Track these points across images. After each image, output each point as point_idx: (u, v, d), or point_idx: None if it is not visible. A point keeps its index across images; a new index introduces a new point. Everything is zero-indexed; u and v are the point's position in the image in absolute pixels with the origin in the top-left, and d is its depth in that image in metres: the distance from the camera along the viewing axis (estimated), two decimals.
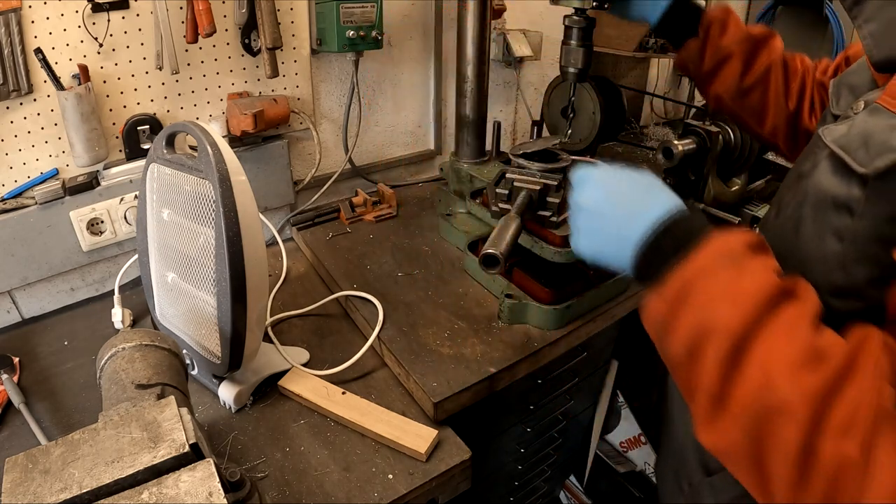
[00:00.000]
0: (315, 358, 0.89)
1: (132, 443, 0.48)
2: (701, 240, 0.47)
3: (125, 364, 0.60)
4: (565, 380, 1.06)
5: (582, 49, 0.89)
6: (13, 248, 0.93)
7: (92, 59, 0.92)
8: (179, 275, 0.77)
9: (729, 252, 0.45)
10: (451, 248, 1.13)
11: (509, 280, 0.95)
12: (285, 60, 1.12)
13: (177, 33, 0.96)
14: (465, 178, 1.15)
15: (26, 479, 0.45)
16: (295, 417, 0.80)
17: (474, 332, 0.90)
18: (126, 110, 0.99)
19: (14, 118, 0.89)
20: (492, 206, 0.86)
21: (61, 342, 0.95)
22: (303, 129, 1.22)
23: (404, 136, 1.42)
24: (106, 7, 0.90)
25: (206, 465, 0.46)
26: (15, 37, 0.84)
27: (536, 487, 1.29)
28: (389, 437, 0.74)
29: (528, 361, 0.87)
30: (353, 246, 1.14)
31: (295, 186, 1.24)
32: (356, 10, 1.06)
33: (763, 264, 0.45)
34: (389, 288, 1.00)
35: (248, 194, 0.68)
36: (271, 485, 0.70)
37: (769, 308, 0.42)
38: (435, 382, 0.79)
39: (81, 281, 1.06)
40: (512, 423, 1.05)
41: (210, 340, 0.75)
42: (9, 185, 0.93)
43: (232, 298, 0.68)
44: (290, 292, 1.07)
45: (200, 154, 0.67)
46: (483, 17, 1.06)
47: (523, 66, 1.56)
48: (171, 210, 0.75)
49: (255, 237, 0.69)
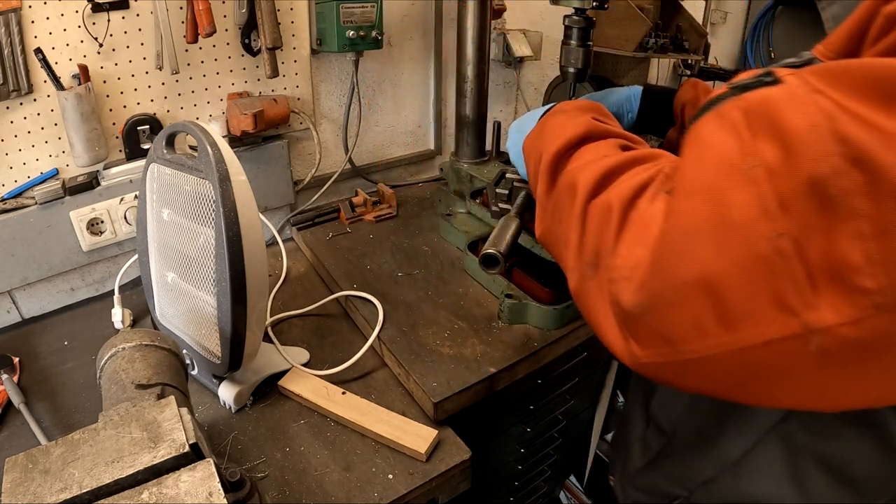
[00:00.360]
0: (315, 358, 0.89)
1: (132, 443, 0.48)
2: (553, 109, 0.67)
3: (125, 364, 0.60)
4: (565, 380, 1.06)
5: (582, 49, 0.89)
6: (13, 248, 0.93)
7: (92, 59, 0.93)
8: (179, 275, 0.77)
9: (563, 110, 0.64)
10: (451, 248, 1.13)
11: (509, 280, 0.95)
12: (285, 60, 1.12)
13: (177, 33, 0.96)
14: (465, 178, 1.15)
15: (26, 479, 0.45)
16: (295, 417, 0.80)
17: (474, 332, 0.90)
18: (126, 110, 0.99)
19: (14, 118, 0.89)
20: (492, 206, 0.86)
21: (61, 342, 0.95)
22: (303, 129, 1.22)
23: (404, 136, 1.42)
24: (106, 7, 0.90)
25: (206, 465, 0.46)
26: (15, 37, 0.84)
27: (536, 487, 1.29)
28: (389, 437, 0.74)
29: (528, 361, 0.87)
30: (353, 246, 1.14)
31: (295, 186, 1.24)
32: (356, 10, 1.06)
33: (589, 114, 0.60)
34: (389, 288, 1.00)
35: (248, 194, 0.68)
36: (271, 485, 0.70)
37: (584, 139, 0.56)
38: (435, 382, 0.79)
39: (81, 281, 1.06)
40: (512, 423, 1.05)
41: (210, 340, 0.75)
42: (9, 185, 0.93)
43: (232, 298, 0.68)
44: (290, 292, 1.07)
45: (200, 154, 0.67)
46: (483, 17, 1.06)
47: (523, 66, 1.56)
48: (171, 210, 0.75)
49: (255, 237, 0.69)
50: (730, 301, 0.34)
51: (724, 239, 0.34)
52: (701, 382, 0.41)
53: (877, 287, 0.29)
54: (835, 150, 0.30)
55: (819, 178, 0.30)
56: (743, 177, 0.34)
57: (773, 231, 0.32)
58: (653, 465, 0.69)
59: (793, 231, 0.31)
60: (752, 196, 0.33)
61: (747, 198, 0.33)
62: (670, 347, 0.39)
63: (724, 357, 0.36)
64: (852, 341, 0.31)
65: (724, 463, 0.59)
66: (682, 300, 0.37)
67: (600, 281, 0.45)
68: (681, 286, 0.37)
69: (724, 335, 0.35)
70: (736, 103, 0.36)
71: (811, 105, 0.31)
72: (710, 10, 2.03)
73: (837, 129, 0.30)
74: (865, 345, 0.31)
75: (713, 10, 2.05)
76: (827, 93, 0.31)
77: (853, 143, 0.29)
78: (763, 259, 0.32)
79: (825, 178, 0.30)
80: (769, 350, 0.34)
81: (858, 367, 0.32)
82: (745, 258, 0.33)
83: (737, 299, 0.34)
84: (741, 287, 0.34)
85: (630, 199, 0.44)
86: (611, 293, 0.43)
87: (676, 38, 1.52)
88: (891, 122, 0.29)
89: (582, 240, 0.48)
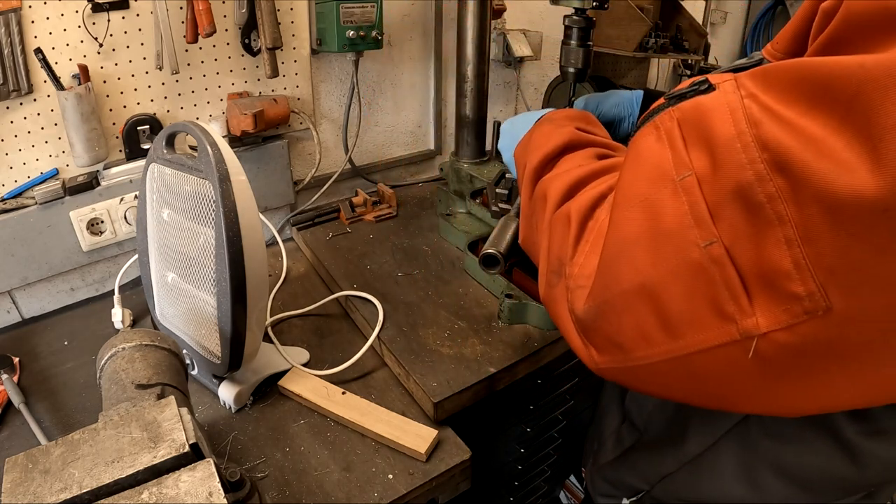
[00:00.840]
0: (315, 358, 0.89)
1: (132, 443, 0.48)
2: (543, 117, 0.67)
3: (125, 364, 0.60)
4: (565, 380, 1.06)
5: (582, 49, 0.89)
6: (13, 248, 0.93)
7: (92, 59, 0.93)
8: (179, 275, 0.77)
9: (550, 119, 0.65)
10: (451, 248, 1.13)
11: (509, 280, 0.95)
12: (285, 60, 1.12)
13: (177, 33, 0.96)
14: (465, 178, 1.15)
15: (26, 479, 0.45)
16: (295, 417, 0.80)
17: (474, 332, 0.90)
18: (126, 110, 0.99)
19: (14, 118, 0.89)
20: (492, 206, 0.87)
21: (61, 342, 0.95)
22: (303, 129, 1.22)
23: (404, 136, 1.42)
24: (106, 7, 0.90)
25: (206, 465, 0.46)
26: (15, 37, 0.84)
27: (536, 487, 1.29)
28: (389, 437, 0.74)
29: (528, 361, 0.87)
30: (353, 246, 1.14)
31: (295, 186, 1.24)
32: (356, 10, 1.06)
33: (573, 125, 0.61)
34: (389, 288, 1.00)
35: (248, 194, 0.68)
36: (271, 485, 0.70)
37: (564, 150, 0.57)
38: (435, 382, 0.79)
39: (81, 281, 1.06)
40: (512, 423, 1.05)
41: (210, 340, 0.75)
42: (9, 185, 0.93)
43: (232, 298, 0.68)
44: (290, 292, 1.07)
45: (200, 154, 0.67)
46: (483, 17, 1.06)
47: (523, 66, 1.56)
48: (171, 210, 0.75)
49: (255, 237, 0.68)
50: (670, 309, 0.35)
51: (660, 247, 0.35)
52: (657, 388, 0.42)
53: (806, 292, 0.29)
54: (758, 157, 0.30)
55: (744, 185, 0.30)
56: (675, 187, 0.34)
57: (705, 239, 0.32)
58: (623, 458, 0.71)
59: (723, 238, 0.32)
60: (684, 205, 0.34)
61: (680, 207, 0.34)
62: (623, 354, 0.40)
63: (672, 364, 0.36)
64: (788, 347, 0.31)
65: (684, 459, 0.60)
66: (625, 307, 0.38)
67: (561, 288, 0.46)
68: (623, 294, 0.38)
69: (668, 342, 0.36)
70: (671, 114, 0.37)
71: (738, 111, 0.32)
72: (710, 10, 2.03)
73: (760, 135, 0.30)
74: (801, 351, 0.31)
75: (713, 10, 2.05)
76: (758, 97, 0.31)
77: (775, 149, 0.29)
78: (697, 266, 0.33)
79: (750, 185, 0.30)
80: (712, 357, 0.34)
81: (799, 374, 0.33)
82: (680, 266, 0.34)
83: (676, 307, 0.35)
84: (679, 295, 0.34)
85: (589, 209, 0.46)
86: (568, 301, 0.45)
87: (676, 38, 1.52)
88: (813, 123, 0.29)
89: (549, 248, 0.50)
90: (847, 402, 0.36)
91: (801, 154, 0.28)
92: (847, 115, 0.27)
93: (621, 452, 0.71)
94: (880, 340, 0.30)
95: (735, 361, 0.33)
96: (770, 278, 0.30)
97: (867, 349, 0.30)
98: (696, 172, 0.33)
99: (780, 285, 0.30)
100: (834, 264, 0.28)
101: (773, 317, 0.31)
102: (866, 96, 0.26)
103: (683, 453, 0.60)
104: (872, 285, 0.28)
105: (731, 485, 0.56)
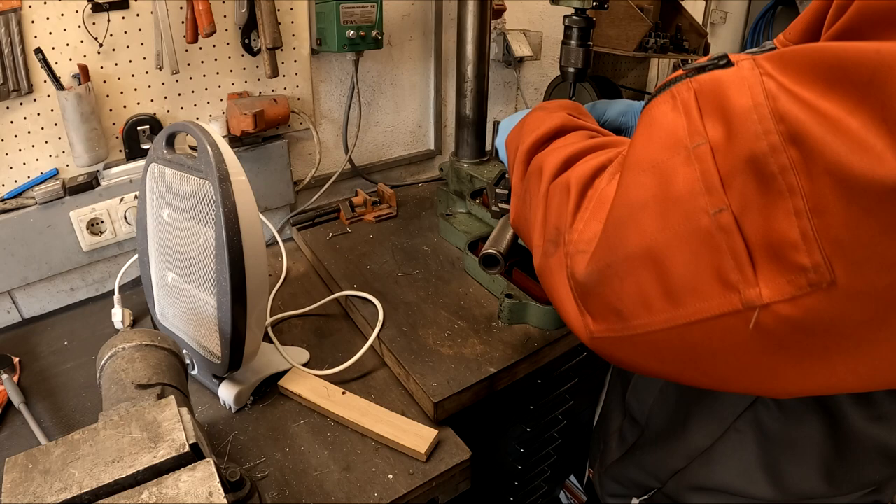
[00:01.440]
0: (315, 358, 0.89)
1: (132, 443, 0.48)
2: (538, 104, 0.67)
3: (125, 364, 0.60)
4: (565, 380, 1.06)
5: (582, 49, 0.89)
6: (13, 248, 0.93)
7: (92, 59, 0.93)
8: (179, 275, 0.77)
9: (543, 107, 0.65)
10: (451, 248, 1.13)
11: (509, 280, 0.95)
12: (285, 60, 1.12)
13: (177, 33, 0.96)
14: (465, 178, 1.15)
15: (26, 479, 0.45)
16: (295, 417, 0.80)
17: (474, 332, 0.90)
18: (126, 110, 0.99)
19: (14, 118, 0.89)
20: (492, 206, 0.86)
21: (61, 342, 0.95)
22: (303, 129, 1.22)
23: (404, 136, 1.42)
24: (106, 7, 0.90)
25: (206, 465, 0.46)
26: (15, 37, 0.84)
27: (536, 487, 1.29)
28: (389, 437, 0.74)
29: (528, 361, 0.87)
30: (353, 246, 1.14)
31: (295, 186, 1.24)
32: (356, 10, 1.06)
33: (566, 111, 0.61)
34: (389, 288, 1.00)
35: (248, 194, 0.68)
36: (271, 485, 0.70)
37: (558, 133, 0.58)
38: (435, 382, 0.79)
39: (81, 281, 1.06)
40: (512, 423, 1.05)
41: (210, 340, 0.75)
42: (9, 185, 0.93)
43: (232, 298, 0.68)
44: (290, 292, 1.07)
45: (200, 154, 0.67)
46: (483, 17, 1.06)
47: (523, 66, 1.56)
48: (171, 210, 0.75)
49: (255, 237, 0.69)
50: (673, 275, 0.35)
51: (668, 212, 0.35)
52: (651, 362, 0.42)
53: (811, 264, 0.29)
54: (773, 129, 0.30)
55: (758, 155, 0.31)
56: (689, 154, 0.35)
57: (715, 206, 0.33)
58: (628, 456, 0.71)
59: (733, 206, 0.32)
60: (696, 172, 0.34)
61: (692, 174, 0.34)
62: (621, 323, 0.40)
63: (670, 333, 0.37)
64: (790, 320, 0.31)
65: (694, 453, 0.60)
66: (629, 272, 0.38)
67: (559, 256, 0.47)
68: (628, 258, 0.38)
69: (669, 310, 0.36)
70: (688, 84, 0.37)
71: (756, 86, 0.32)
72: (710, 10, 2.03)
73: (777, 108, 0.31)
74: (803, 325, 0.31)
75: (713, 10, 2.05)
76: (774, 76, 0.32)
77: (791, 122, 0.30)
78: (704, 233, 0.33)
79: (764, 156, 0.31)
80: (712, 327, 0.34)
81: (798, 350, 0.33)
82: (688, 232, 0.34)
83: (680, 273, 0.35)
84: (684, 261, 0.34)
85: (589, 178, 0.47)
86: (567, 266, 0.45)
87: (676, 38, 1.52)
88: (830, 104, 0.29)
89: (546, 218, 0.51)
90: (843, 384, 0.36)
91: (816, 128, 0.29)
92: (864, 98, 0.28)
93: (626, 450, 0.71)
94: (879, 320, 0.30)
95: (734, 333, 0.33)
96: (776, 249, 0.31)
97: (866, 327, 0.31)
98: (710, 141, 0.34)
99: (786, 256, 0.30)
100: (842, 238, 0.29)
101: (777, 288, 0.31)
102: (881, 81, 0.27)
103: (692, 446, 0.60)
104: (878, 263, 0.28)
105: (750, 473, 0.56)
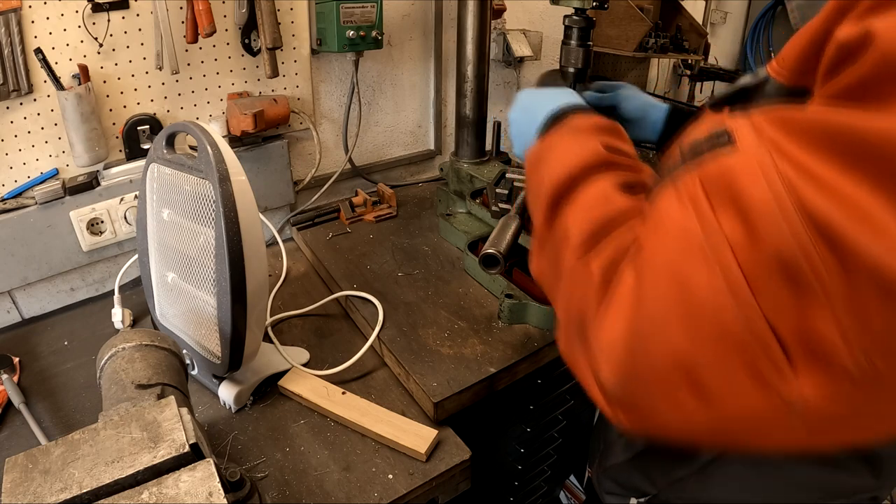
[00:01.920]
0: (315, 358, 0.89)
1: (132, 443, 0.48)
2: (567, 119, 0.58)
3: (125, 364, 0.60)
4: (565, 380, 1.06)
5: (582, 49, 0.89)
6: (13, 248, 0.93)
7: (92, 59, 0.93)
8: (179, 275, 0.77)
9: (576, 127, 0.56)
10: (451, 248, 1.13)
11: (509, 280, 0.95)
12: (285, 60, 1.12)
13: (177, 33, 0.96)
14: (465, 178, 1.15)
15: (26, 479, 0.45)
16: (295, 417, 0.80)
17: (474, 332, 0.90)
18: (126, 110, 0.99)
19: (14, 118, 0.89)
20: (492, 206, 0.87)
21: (61, 342, 0.95)
22: (303, 129, 1.22)
23: (404, 136, 1.42)
24: (106, 7, 0.90)
25: (206, 465, 0.46)
26: (15, 37, 0.84)
27: (536, 487, 1.29)
28: (389, 437, 0.74)
29: (528, 361, 0.87)
30: (353, 246, 1.14)
31: (295, 186, 1.24)
32: (356, 10, 1.06)
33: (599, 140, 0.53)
34: (389, 288, 1.00)
35: (248, 194, 0.68)
36: (271, 485, 0.70)
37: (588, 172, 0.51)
38: (435, 382, 0.79)
39: (81, 281, 1.06)
40: (512, 423, 1.05)
41: (210, 340, 0.75)
42: (9, 185, 0.93)
43: (232, 298, 0.68)
44: (290, 292, 1.07)
45: (200, 154, 0.67)
46: (483, 17, 1.06)
47: (523, 66, 1.56)
48: (171, 210, 0.75)
49: (255, 237, 0.69)
50: (706, 380, 0.34)
51: (695, 322, 0.34)
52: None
53: (854, 364, 0.29)
54: (800, 226, 0.29)
55: (786, 255, 0.29)
56: (706, 256, 0.33)
57: (744, 312, 0.31)
58: (633, 461, 0.70)
59: (765, 310, 0.31)
60: (717, 276, 0.32)
61: (713, 279, 0.32)
62: (653, 420, 0.39)
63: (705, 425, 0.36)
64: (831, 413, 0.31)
65: (695, 466, 0.60)
66: (658, 381, 0.37)
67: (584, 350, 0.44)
68: (654, 370, 0.36)
69: (703, 410, 0.35)
70: (693, 175, 0.35)
71: (771, 172, 0.30)
72: (710, 10, 2.03)
73: (801, 202, 0.29)
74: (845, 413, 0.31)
75: (713, 10, 2.05)
76: (786, 150, 0.30)
77: (819, 218, 0.28)
78: (736, 339, 0.32)
79: (793, 256, 0.29)
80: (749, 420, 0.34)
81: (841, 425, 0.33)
82: (718, 340, 0.33)
83: (713, 378, 0.33)
84: (717, 367, 0.33)
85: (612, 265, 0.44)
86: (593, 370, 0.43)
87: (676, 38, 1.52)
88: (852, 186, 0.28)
89: (570, 296, 0.47)
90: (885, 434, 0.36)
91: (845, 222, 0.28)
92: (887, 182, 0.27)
93: (632, 455, 0.70)
94: None
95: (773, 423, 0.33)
96: (815, 349, 0.30)
97: None
98: (728, 239, 0.32)
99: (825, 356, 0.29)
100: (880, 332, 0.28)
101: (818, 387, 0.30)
102: None
103: (695, 460, 0.60)
104: None
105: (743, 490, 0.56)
